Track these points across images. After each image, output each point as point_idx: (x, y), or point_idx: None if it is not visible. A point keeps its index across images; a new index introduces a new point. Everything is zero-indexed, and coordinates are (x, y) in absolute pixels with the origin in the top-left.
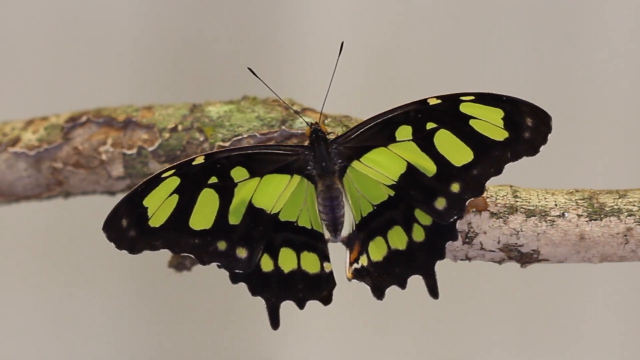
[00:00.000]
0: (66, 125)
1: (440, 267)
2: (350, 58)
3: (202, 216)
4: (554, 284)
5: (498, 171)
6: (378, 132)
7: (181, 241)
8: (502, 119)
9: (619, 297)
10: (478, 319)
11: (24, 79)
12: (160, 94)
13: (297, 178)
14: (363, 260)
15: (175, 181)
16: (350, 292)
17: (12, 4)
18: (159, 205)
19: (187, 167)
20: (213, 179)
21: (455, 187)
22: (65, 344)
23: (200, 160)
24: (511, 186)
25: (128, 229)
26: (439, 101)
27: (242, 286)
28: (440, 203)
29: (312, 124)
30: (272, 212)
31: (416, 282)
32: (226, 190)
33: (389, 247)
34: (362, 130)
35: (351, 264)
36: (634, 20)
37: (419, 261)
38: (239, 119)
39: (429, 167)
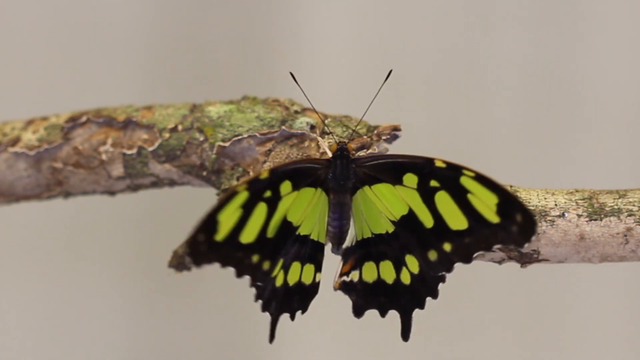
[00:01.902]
0: (66, 125)
1: None
2: (350, 58)
3: (251, 230)
4: (554, 284)
5: (487, 248)
6: (389, 170)
7: (229, 254)
8: (496, 204)
9: (619, 297)
10: (478, 319)
11: (24, 79)
12: (160, 94)
13: (319, 191)
14: (354, 276)
15: (244, 196)
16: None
17: (12, 3)
18: (227, 219)
19: (256, 182)
20: (268, 193)
21: (447, 247)
22: (66, 344)
23: (265, 175)
24: (511, 186)
25: (202, 244)
26: (443, 165)
27: (242, 285)
28: (432, 255)
29: (340, 141)
30: (296, 226)
31: None
32: (273, 204)
33: (378, 275)
34: (376, 162)
35: (341, 275)
36: (634, 20)
37: (400, 301)
38: (239, 119)
39: (427, 219)
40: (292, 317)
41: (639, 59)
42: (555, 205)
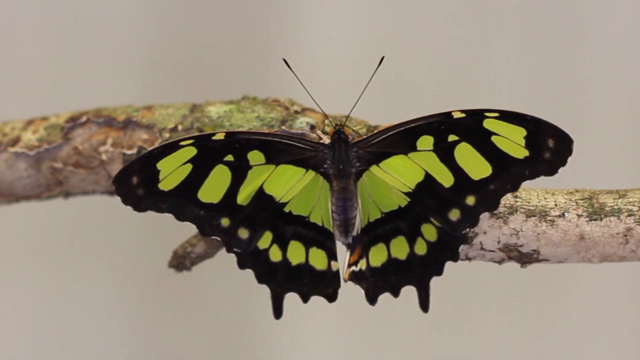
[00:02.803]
0: (66, 125)
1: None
2: (350, 58)
3: (211, 190)
4: (554, 284)
5: (514, 188)
6: (400, 139)
7: (186, 209)
8: (524, 137)
9: (619, 297)
10: (478, 319)
11: (24, 79)
12: (160, 94)
13: (311, 174)
14: (362, 264)
15: (191, 151)
16: (350, 291)
17: (12, 3)
18: (172, 171)
19: (206, 140)
20: (229, 157)
21: (470, 200)
22: (65, 344)
23: (220, 136)
24: None
25: (137, 186)
26: (463, 115)
27: (241, 286)
28: (454, 214)
29: (336, 124)
30: (280, 201)
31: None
32: (240, 171)
33: (389, 255)
34: (384, 136)
35: (349, 265)
36: (634, 20)
37: (416, 274)
38: (239, 119)
39: (446, 178)
40: (304, 299)
41: (639, 59)
42: (555, 205)
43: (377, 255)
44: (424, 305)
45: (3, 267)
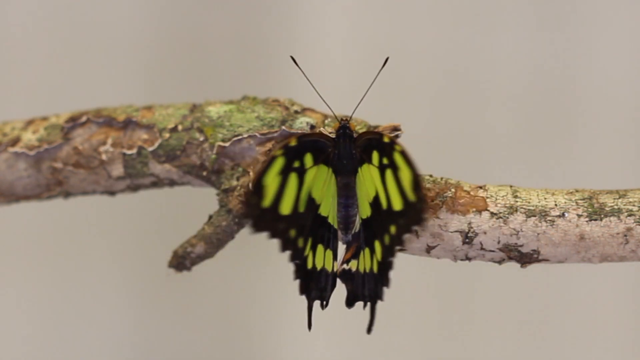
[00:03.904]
0: (66, 125)
1: (441, 267)
2: (350, 58)
3: (287, 201)
4: (554, 284)
5: (410, 231)
6: (365, 148)
7: (274, 225)
8: (411, 182)
9: (619, 297)
10: (478, 319)
11: (24, 79)
12: (160, 94)
13: (330, 171)
14: (353, 265)
15: (281, 162)
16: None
17: (12, 3)
18: (270, 185)
19: (289, 148)
20: (297, 163)
21: (393, 229)
22: (66, 344)
23: (293, 142)
24: (511, 186)
25: (254, 205)
26: (387, 141)
27: (241, 286)
28: (387, 239)
29: (342, 119)
30: (318, 204)
31: (416, 282)
32: (301, 176)
33: (364, 265)
34: (360, 140)
35: (342, 263)
36: (633, 20)
37: (372, 291)
38: (239, 119)
39: (383, 200)
40: (322, 306)
41: (639, 59)
42: (555, 205)
43: (363, 261)
44: (369, 327)
45: (3, 267)
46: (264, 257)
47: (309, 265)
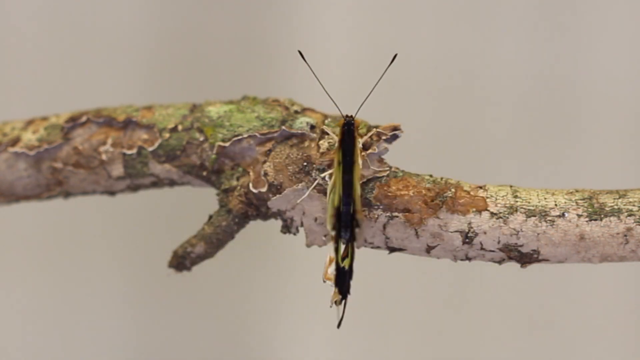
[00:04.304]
0: (66, 125)
1: (441, 267)
2: (350, 58)
3: (335, 194)
4: (554, 284)
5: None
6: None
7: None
8: None
9: (619, 297)
10: (478, 319)
11: (24, 79)
12: (160, 94)
13: (341, 167)
14: (346, 263)
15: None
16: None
17: (12, 3)
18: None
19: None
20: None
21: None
22: (65, 344)
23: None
24: (511, 186)
25: None
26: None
27: (241, 286)
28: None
29: (346, 115)
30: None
31: (416, 282)
32: (339, 170)
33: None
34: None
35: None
36: (633, 20)
37: (343, 287)
38: (239, 119)
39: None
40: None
41: (639, 59)
42: (555, 205)
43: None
44: (340, 321)
45: (3, 267)
46: (264, 257)
47: (342, 264)
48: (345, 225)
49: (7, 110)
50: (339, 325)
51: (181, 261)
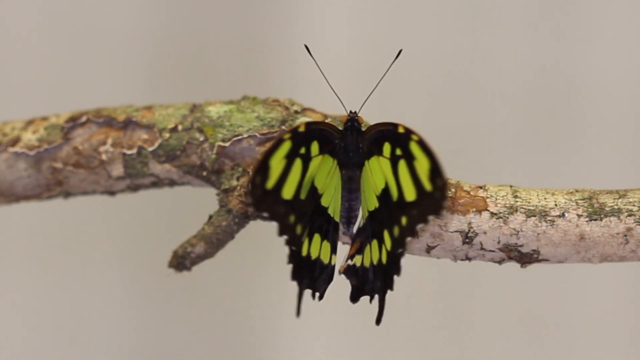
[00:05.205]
0: (66, 125)
1: (441, 267)
2: (350, 58)
3: (290, 186)
4: (554, 284)
5: (425, 220)
6: (375, 140)
7: (275, 207)
8: (429, 170)
9: (619, 297)
10: (478, 319)
11: (24, 79)
12: (160, 94)
13: (335, 162)
14: (357, 260)
15: (288, 145)
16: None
17: (12, 3)
18: (275, 167)
19: (296, 132)
20: (302, 149)
21: (404, 221)
22: (66, 344)
23: (302, 128)
24: (511, 186)
25: (258, 185)
26: (402, 131)
27: (241, 286)
28: (396, 230)
29: (351, 111)
30: (320, 193)
31: (416, 282)
32: (306, 163)
33: (371, 256)
34: (369, 133)
35: (347, 259)
36: (633, 21)
37: (381, 283)
38: (239, 119)
39: (394, 191)
40: (314, 296)
41: (639, 60)
42: (555, 205)
43: (368, 254)
44: (378, 318)
45: (3, 267)
46: (264, 257)
47: (304, 253)
48: (348, 222)
49: (7, 110)
50: (378, 322)
51: (181, 261)
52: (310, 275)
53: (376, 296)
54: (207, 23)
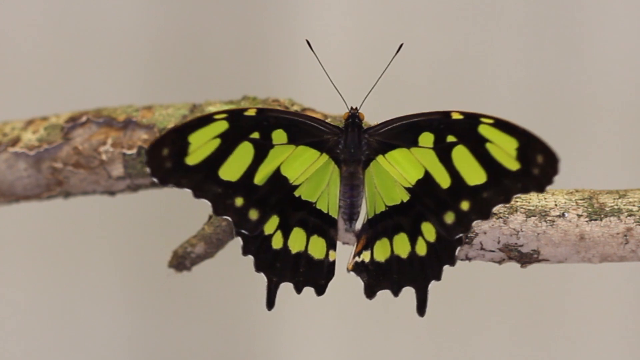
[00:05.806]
0: (66, 125)
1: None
2: (350, 58)
3: (233, 168)
4: (554, 284)
5: (507, 200)
6: (404, 132)
7: (205, 186)
8: (516, 149)
9: (619, 297)
10: (478, 319)
11: (24, 79)
12: (160, 94)
13: (325, 157)
14: (365, 256)
15: (223, 125)
16: (349, 291)
17: (12, 3)
18: (201, 145)
19: (239, 115)
20: (255, 134)
21: (465, 205)
22: (65, 344)
23: (252, 112)
24: None
25: (166, 159)
26: (461, 117)
27: (241, 286)
28: (449, 217)
29: (352, 107)
30: (292, 184)
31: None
32: (262, 149)
33: (392, 251)
34: (390, 127)
35: (354, 256)
36: (634, 20)
37: (416, 275)
38: None
39: (444, 179)
40: (298, 290)
41: (638, 60)
42: (555, 205)
43: (382, 250)
44: (421, 309)
45: (3, 267)
46: None
47: (276, 246)
48: (350, 218)
49: (7, 110)
50: (422, 313)
51: (181, 261)
52: (293, 270)
53: (405, 289)
54: (207, 23)
